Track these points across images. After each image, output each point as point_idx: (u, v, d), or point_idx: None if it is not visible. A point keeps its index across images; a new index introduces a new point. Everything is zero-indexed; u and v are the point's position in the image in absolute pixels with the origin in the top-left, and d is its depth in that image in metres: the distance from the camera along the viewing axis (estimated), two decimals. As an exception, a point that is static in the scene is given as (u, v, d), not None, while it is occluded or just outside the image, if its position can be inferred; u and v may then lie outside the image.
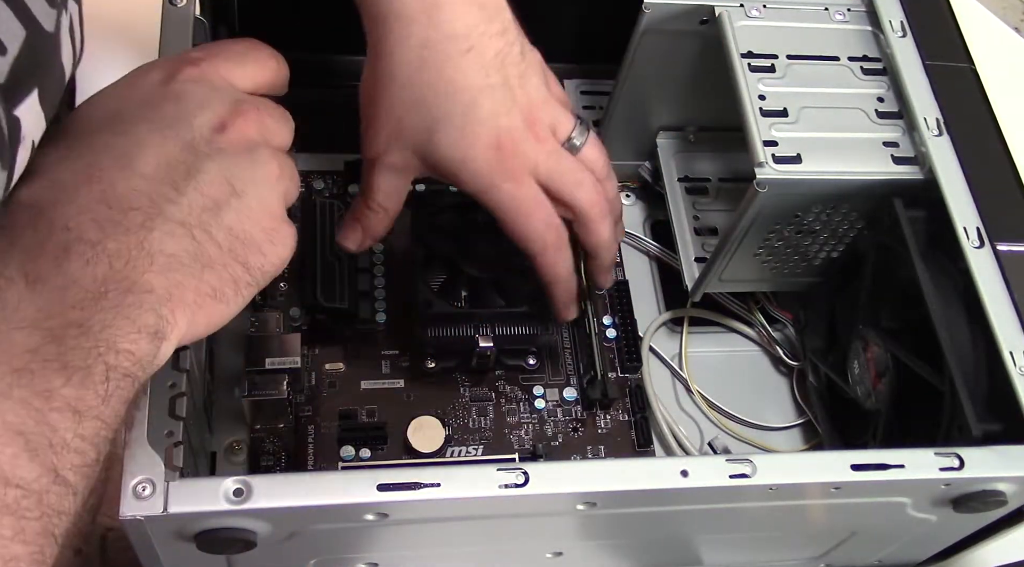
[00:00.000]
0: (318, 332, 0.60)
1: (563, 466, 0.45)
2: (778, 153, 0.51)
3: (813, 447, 0.63)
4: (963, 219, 0.49)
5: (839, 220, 0.56)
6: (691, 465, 0.41)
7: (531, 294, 0.57)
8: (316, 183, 0.65)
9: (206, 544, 0.38)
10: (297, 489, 0.38)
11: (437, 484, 0.39)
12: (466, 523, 0.44)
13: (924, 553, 0.55)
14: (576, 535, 0.48)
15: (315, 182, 0.65)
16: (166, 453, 0.38)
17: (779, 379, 0.66)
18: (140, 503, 0.36)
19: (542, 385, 0.61)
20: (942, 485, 0.43)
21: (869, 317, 0.55)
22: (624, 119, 0.65)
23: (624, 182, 0.70)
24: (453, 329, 0.58)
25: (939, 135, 0.52)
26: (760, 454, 0.42)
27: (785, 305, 0.65)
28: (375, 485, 0.38)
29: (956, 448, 0.43)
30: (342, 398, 0.58)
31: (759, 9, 0.56)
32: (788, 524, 0.49)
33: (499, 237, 0.51)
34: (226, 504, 0.37)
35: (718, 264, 0.58)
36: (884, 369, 0.53)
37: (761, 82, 0.54)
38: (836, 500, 0.44)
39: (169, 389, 0.41)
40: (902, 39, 0.55)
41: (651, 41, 0.58)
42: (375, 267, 0.62)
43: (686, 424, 0.62)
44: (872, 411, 0.55)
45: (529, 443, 0.59)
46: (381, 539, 0.44)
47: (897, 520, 0.47)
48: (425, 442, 0.57)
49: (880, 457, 0.42)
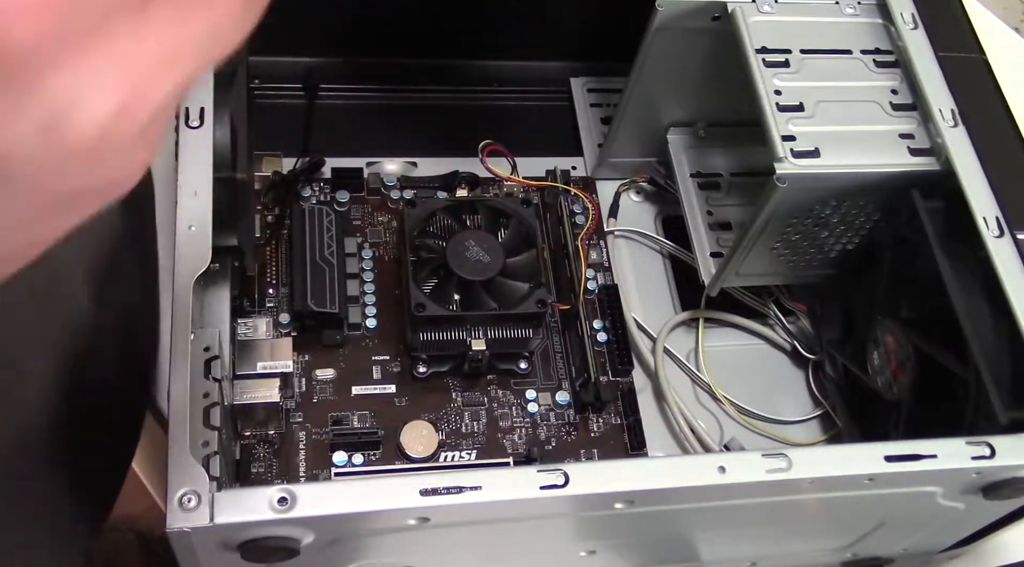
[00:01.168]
0: (308, 338, 0.60)
1: (602, 466, 0.45)
2: (796, 148, 0.52)
3: (831, 439, 0.63)
4: (982, 209, 0.49)
5: (856, 212, 0.56)
6: (728, 461, 0.41)
7: (523, 297, 0.58)
8: (304, 190, 0.66)
9: (251, 553, 0.38)
10: (340, 496, 0.38)
11: (479, 487, 0.39)
12: (503, 524, 0.44)
13: (949, 540, 0.55)
14: (610, 533, 0.48)
15: (303, 189, 0.66)
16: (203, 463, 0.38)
17: (794, 372, 0.66)
18: (187, 515, 0.36)
19: (534, 389, 0.61)
20: (973, 474, 0.44)
21: (888, 308, 0.56)
22: (635, 116, 0.65)
23: (634, 177, 0.70)
24: (445, 332, 0.58)
25: (955, 126, 0.52)
26: (794, 448, 0.43)
27: (799, 297, 0.66)
28: (418, 490, 0.38)
29: (987, 437, 0.43)
30: (333, 404, 0.59)
31: (771, 4, 0.56)
32: (819, 516, 0.50)
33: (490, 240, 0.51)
34: (271, 513, 0.37)
35: (735, 259, 0.58)
36: (905, 359, 0.54)
37: (776, 77, 0.54)
38: (868, 491, 0.44)
39: (203, 399, 0.41)
40: (914, 31, 0.56)
41: (664, 38, 0.58)
42: (364, 272, 0.63)
43: (704, 420, 0.62)
44: (893, 401, 0.55)
45: (523, 447, 0.59)
46: (419, 543, 0.44)
47: (927, 509, 0.48)
48: (418, 447, 0.57)
49: (912, 448, 0.43)
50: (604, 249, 0.67)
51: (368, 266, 0.63)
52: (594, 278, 0.65)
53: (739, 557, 0.55)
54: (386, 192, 0.67)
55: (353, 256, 0.62)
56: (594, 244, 0.67)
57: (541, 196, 0.67)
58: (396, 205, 0.66)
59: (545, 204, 0.67)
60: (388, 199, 0.67)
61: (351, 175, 0.66)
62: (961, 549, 0.57)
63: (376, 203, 0.66)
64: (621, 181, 0.70)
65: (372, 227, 0.65)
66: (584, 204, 0.68)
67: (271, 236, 0.63)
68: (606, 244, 0.67)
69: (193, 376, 0.41)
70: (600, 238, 0.67)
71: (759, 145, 0.53)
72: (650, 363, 0.63)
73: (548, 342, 0.63)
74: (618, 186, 0.70)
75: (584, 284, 0.64)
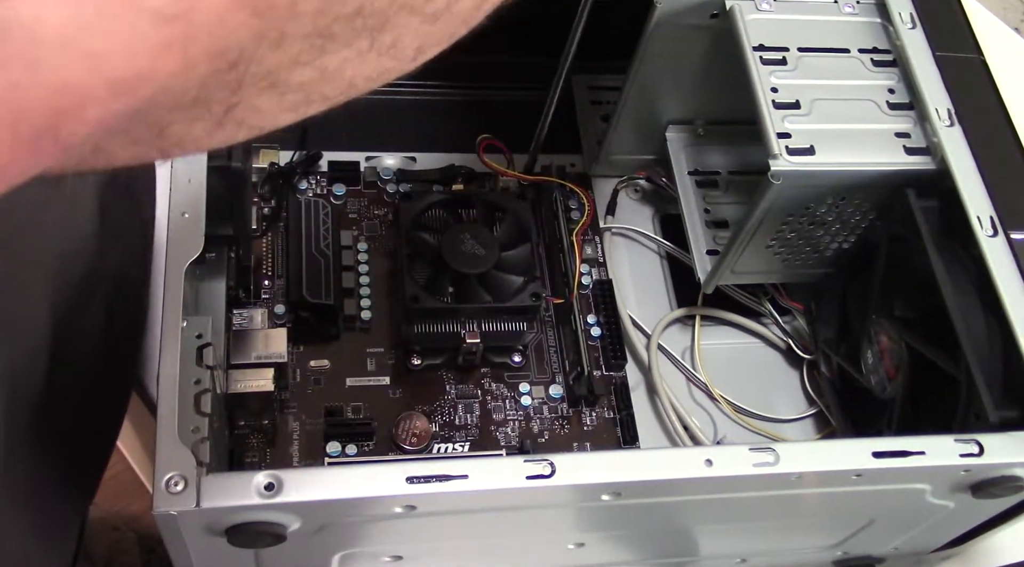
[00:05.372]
0: (303, 329, 0.60)
1: (589, 457, 0.46)
2: (792, 145, 0.52)
3: (825, 437, 0.63)
4: (977, 208, 0.49)
5: (851, 211, 0.56)
6: (715, 454, 0.41)
7: (518, 290, 0.58)
8: (301, 183, 0.66)
9: (237, 538, 0.38)
10: (327, 483, 0.38)
11: (465, 476, 0.39)
12: (491, 514, 0.44)
13: (940, 540, 0.55)
14: (599, 526, 0.48)
15: (300, 182, 0.66)
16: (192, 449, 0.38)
17: (789, 370, 0.66)
18: (173, 498, 0.36)
19: (528, 382, 0.61)
20: (962, 471, 0.44)
21: (882, 307, 0.56)
22: (634, 113, 0.65)
23: (632, 174, 0.70)
24: (439, 325, 0.58)
25: (951, 125, 0.52)
26: (782, 443, 0.43)
27: (794, 295, 0.66)
28: (404, 477, 0.38)
29: (975, 435, 0.43)
30: (327, 395, 0.59)
31: (769, 3, 0.56)
32: (808, 512, 0.50)
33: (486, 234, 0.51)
34: (258, 498, 0.37)
35: (731, 256, 0.58)
36: (898, 358, 0.54)
37: (773, 75, 0.54)
38: (857, 488, 0.44)
39: (194, 385, 0.42)
40: (912, 31, 0.56)
41: (662, 36, 0.58)
42: (360, 265, 0.63)
43: (698, 417, 0.62)
44: (886, 400, 0.55)
45: (515, 440, 0.59)
46: (406, 532, 0.44)
47: (916, 507, 0.48)
48: (412, 438, 0.57)
49: (901, 444, 0.43)
50: (599, 245, 0.67)
51: (363, 259, 0.63)
52: (589, 273, 0.66)
53: (729, 553, 0.55)
54: (382, 186, 0.67)
55: (349, 249, 0.62)
56: (589, 240, 0.67)
57: (536, 191, 0.67)
58: (392, 199, 0.66)
59: (540, 199, 0.67)
60: (384, 193, 0.67)
61: (348, 168, 0.67)
62: (953, 549, 0.57)
63: (372, 196, 0.67)
64: (619, 178, 0.70)
65: (368, 220, 0.66)
66: (580, 200, 0.68)
67: (267, 228, 0.63)
68: (601, 240, 0.67)
69: (184, 362, 0.41)
70: (595, 234, 0.67)
71: (757, 143, 0.53)
72: (644, 359, 0.63)
73: (542, 336, 0.63)
74: (616, 183, 0.70)
75: (578, 279, 0.64)
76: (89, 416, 0.53)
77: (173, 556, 0.40)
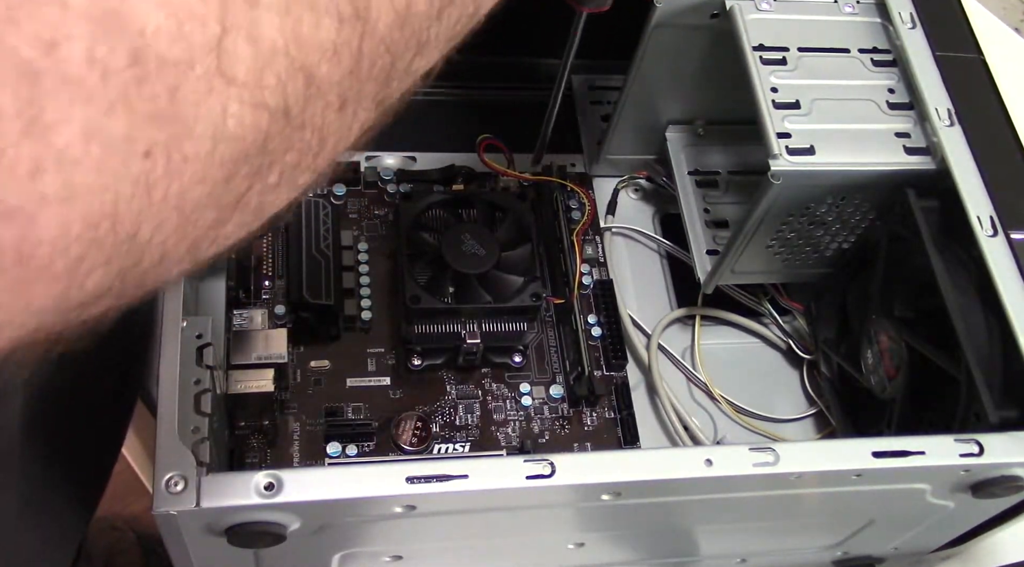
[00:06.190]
0: (303, 329, 0.60)
1: (589, 457, 0.46)
2: (792, 145, 0.52)
3: (825, 437, 0.63)
4: (976, 208, 0.49)
5: (851, 211, 0.56)
6: (715, 454, 0.41)
7: (518, 291, 0.58)
8: None
9: (237, 538, 0.38)
10: (327, 483, 0.38)
11: (465, 476, 0.39)
12: (491, 514, 0.44)
13: (940, 540, 0.55)
14: (599, 526, 0.48)
15: None
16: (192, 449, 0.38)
17: (789, 370, 0.66)
18: (172, 498, 0.36)
19: (528, 382, 0.61)
20: (962, 471, 0.44)
21: (882, 307, 0.56)
22: (634, 113, 0.65)
23: (632, 174, 0.70)
24: (440, 325, 0.58)
25: (951, 125, 0.52)
26: (782, 443, 0.43)
27: (794, 295, 0.66)
28: (404, 477, 0.38)
29: (975, 434, 0.43)
30: (328, 395, 0.59)
31: (769, 2, 0.56)
32: (807, 512, 0.50)
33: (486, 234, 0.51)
34: (257, 498, 0.37)
35: (731, 256, 0.58)
36: (898, 358, 0.54)
37: (773, 75, 0.54)
38: (857, 488, 0.44)
39: (195, 385, 0.42)
40: (912, 31, 0.56)
41: (662, 35, 0.58)
42: (360, 265, 0.63)
43: (698, 417, 0.62)
44: (886, 400, 0.55)
45: (516, 440, 0.59)
46: (406, 532, 0.44)
47: (916, 507, 0.48)
48: (412, 439, 0.57)
49: (901, 444, 0.43)
50: (600, 245, 0.67)
51: (364, 259, 0.63)
52: (589, 273, 0.66)
53: (729, 553, 0.55)
54: (383, 186, 0.67)
55: (349, 249, 0.62)
56: (589, 239, 0.67)
57: (537, 191, 0.67)
58: (392, 199, 0.66)
59: (541, 199, 0.67)
60: (384, 193, 0.67)
61: (348, 169, 0.67)
62: (953, 549, 0.57)
63: (373, 197, 0.67)
64: (620, 178, 0.70)
65: (368, 220, 0.66)
66: (580, 200, 0.68)
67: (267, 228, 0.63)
68: (602, 240, 0.67)
69: (184, 362, 0.41)
70: (596, 234, 0.67)
71: (757, 143, 0.53)
72: (644, 359, 0.63)
73: (542, 336, 0.63)
74: (616, 183, 0.70)
75: (579, 278, 0.64)
76: (97, 423, 0.53)
77: (173, 556, 0.40)
